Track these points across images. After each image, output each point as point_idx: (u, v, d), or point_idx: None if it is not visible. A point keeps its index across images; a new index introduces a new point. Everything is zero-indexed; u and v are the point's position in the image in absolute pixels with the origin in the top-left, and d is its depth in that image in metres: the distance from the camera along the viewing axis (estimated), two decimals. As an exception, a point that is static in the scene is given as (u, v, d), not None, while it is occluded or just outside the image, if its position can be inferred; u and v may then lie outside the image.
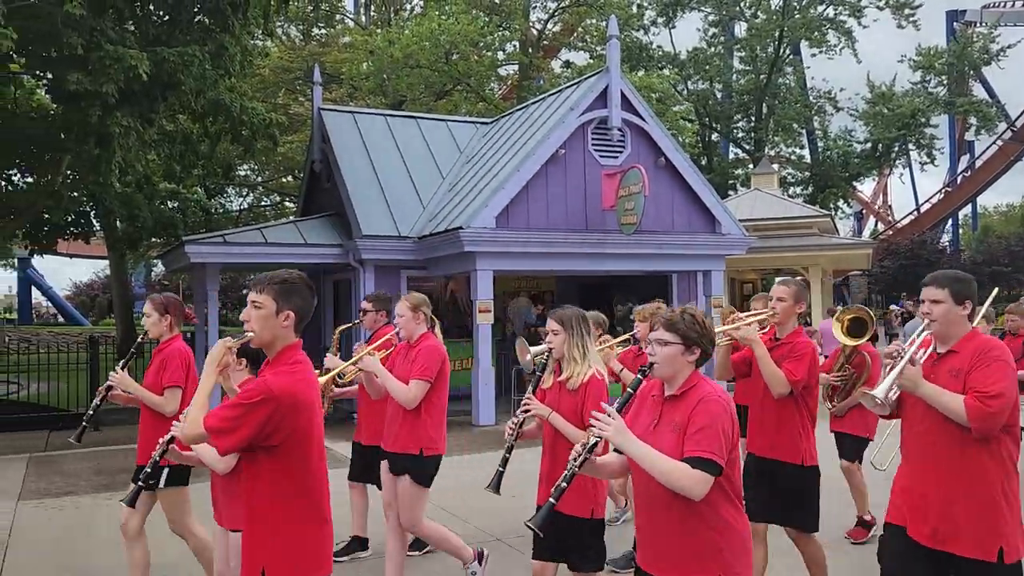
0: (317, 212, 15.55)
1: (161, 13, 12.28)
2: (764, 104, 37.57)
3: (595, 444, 2.81)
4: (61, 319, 47.16)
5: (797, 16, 35.23)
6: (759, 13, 36.79)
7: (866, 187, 53.53)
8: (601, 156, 13.38)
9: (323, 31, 30.74)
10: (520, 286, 16.72)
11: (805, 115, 37.46)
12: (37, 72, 12.75)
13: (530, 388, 4.02)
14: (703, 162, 36.64)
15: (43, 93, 14.53)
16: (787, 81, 38.67)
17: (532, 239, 12.67)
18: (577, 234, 13.00)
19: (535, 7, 30.31)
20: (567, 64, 32.05)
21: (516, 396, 12.41)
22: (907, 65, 38.64)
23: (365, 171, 14.59)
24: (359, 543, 5.99)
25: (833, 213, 34.83)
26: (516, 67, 30.02)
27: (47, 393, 14.69)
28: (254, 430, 2.67)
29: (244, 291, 48.62)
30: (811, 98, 38.54)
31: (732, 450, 2.79)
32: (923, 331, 3.41)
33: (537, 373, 4.09)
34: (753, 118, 38.35)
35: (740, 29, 38.44)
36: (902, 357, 3.26)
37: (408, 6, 31.72)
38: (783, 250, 22.96)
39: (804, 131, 39.44)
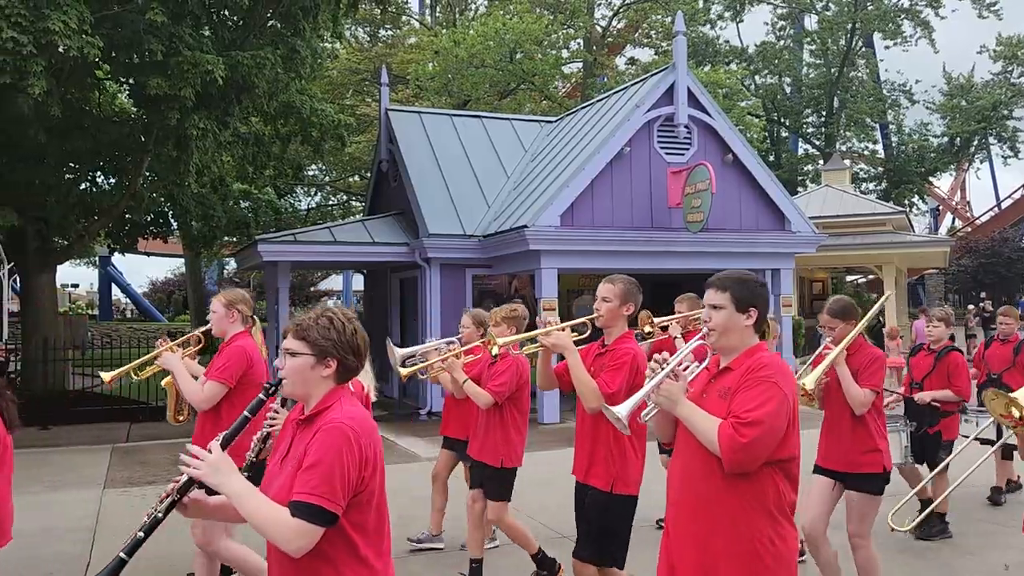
0: (384, 211, 15.81)
1: (235, 18, 12.65)
2: (835, 98, 36.62)
3: (187, 484, 2.29)
4: (139, 315, 48.93)
5: (870, 7, 34.24)
6: (830, 5, 35.88)
7: (943, 183, 51.69)
8: (667, 153, 13.26)
9: (389, 32, 31.19)
10: (584, 284, 16.68)
11: (878, 109, 36.39)
12: (120, 78, 13.27)
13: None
14: (771, 159, 35.93)
15: (124, 98, 15.12)
16: (859, 74, 37.62)
17: (597, 237, 12.64)
18: (642, 232, 12.91)
19: (599, 4, 30.20)
20: (631, 61, 31.83)
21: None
22: (987, 56, 37.21)
23: (431, 170, 14.77)
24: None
25: (908, 210, 33.74)
26: (580, 65, 29.95)
27: (127, 386, 15.29)
28: None
29: (312, 288, 49.67)
30: (885, 91, 37.43)
31: (355, 493, 2.20)
32: (699, 340, 2.85)
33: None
34: (824, 113, 37.43)
35: (810, 22, 37.56)
36: (663, 368, 2.70)
37: (473, 6, 31.95)
38: (855, 248, 22.34)
39: (877, 125, 38.31)
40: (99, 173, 16.00)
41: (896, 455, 5.26)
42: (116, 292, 48.90)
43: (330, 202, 32.69)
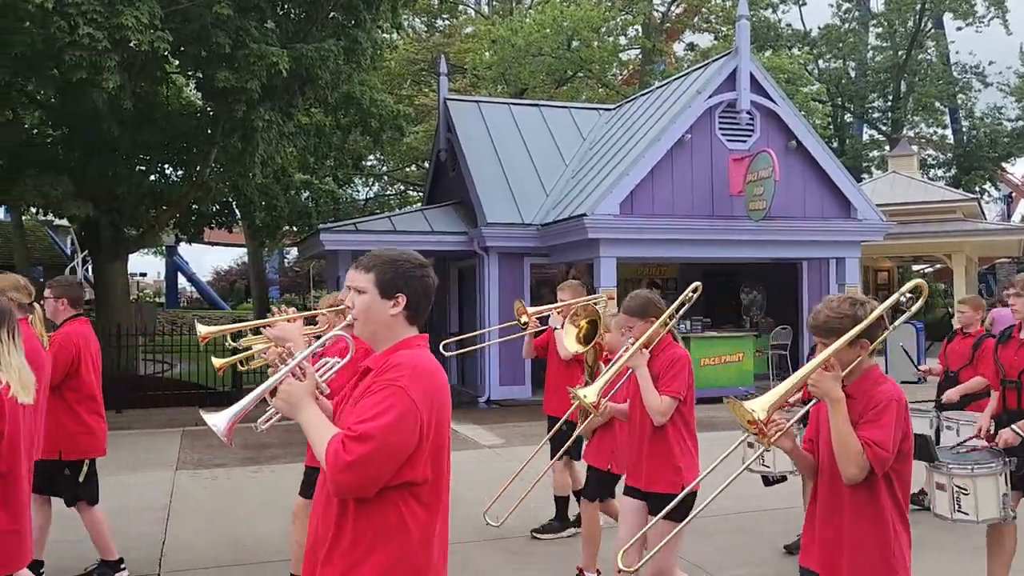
0: (443, 200, 15.92)
1: (299, 11, 12.85)
2: (903, 82, 35.48)
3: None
4: (204, 303, 50.27)
5: (941, -13, 33.03)
6: (898, -15, 34.73)
7: (1017, 168, 49.77)
8: (729, 140, 13.05)
9: (447, 22, 31.29)
10: (643, 273, 16.56)
11: (948, 92, 35.12)
12: (189, 71, 13.62)
13: None
14: (835, 145, 35.01)
15: (192, 91, 15.51)
16: (928, 56, 36.34)
17: (656, 226, 12.52)
18: (703, 220, 12.75)
19: (658, -11, 29.78)
20: (690, 47, 31.35)
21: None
22: (1066, 35, 35.58)
23: (489, 159, 14.81)
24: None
25: (979, 196, 32.54)
26: (638, 52, 29.63)
27: (195, 372, 15.74)
28: None
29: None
30: (955, 74, 36.08)
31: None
32: (341, 328, 2.51)
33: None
34: (890, 97, 36.30)
35: (877, 3, 36.43)
36: (285, 364, 2.35)
37: (529, -6, 31.84)
38: (923, 236, 21.65)
39: (947, 109, 36.98)
40: (168, 165, 16.47)
41: (991, 508, 4.27)
42: (182, 280, 50.31)
43: (388, 192, 33.05)
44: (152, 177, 15.83)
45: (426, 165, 24.89)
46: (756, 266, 15.11)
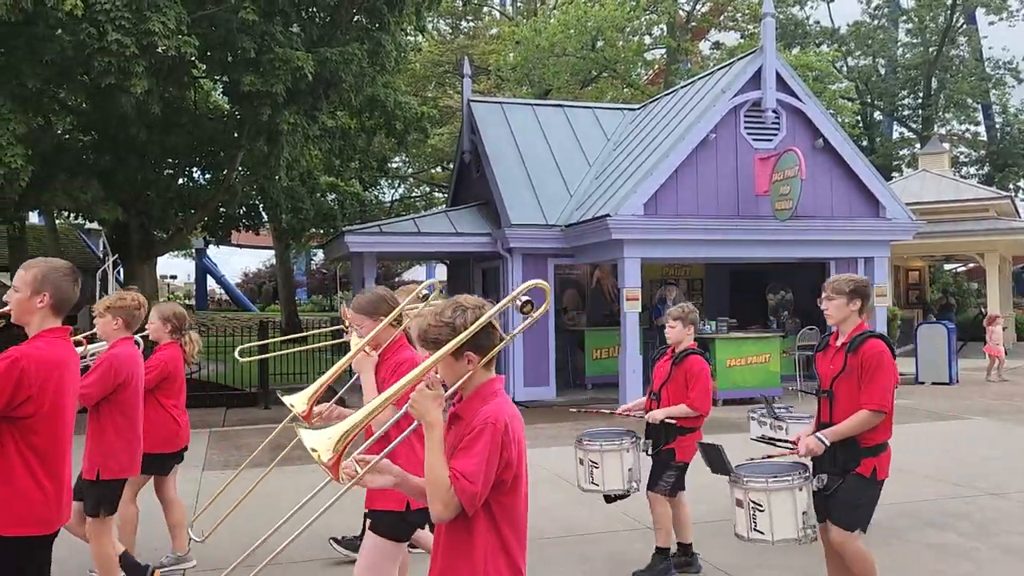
0: (467, 202, 15.94)
1: (323, 15, 12.94)
2: (933, 79, 34.94)
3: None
4: (232, 305, 50.83)
5: (972, -18, 32.51)
6: (928, -19, 34.22)
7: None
8: (754, 139, 12.93)
9: (471, 24, 31.36)
10: (668, 273, 16.47)
11: (981, 89, 34.53)
12: (215, 76, 13.78)
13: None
14: (864, 143, 34.57)
15: (219, 95, 15.69)
16: (960, 52, 35.76)
17: (681, 226, 12.44)
18: (728, 220, 12.64)
19: (683, -12, 29.61)
20: (716, 45, 31.13)
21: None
22: (1103, 29, 34.82)
23: (513, 160, 14.80)
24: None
25: (1014, 194, 31.95)
26: (663, 51, 29.48)
27: (223, 373, 15.92)
28: None
29: (396, 278, 50.58)
30: (988, 70, 35.46)
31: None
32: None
33: None
34: (921, 94, 35.77)
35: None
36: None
37: (554, -6, 31.81)
38: (955, 235, 21.32)
39: (980, 106, 36.37)
40: (196, 168, 16.67)
41: (787, 528, 3.89)
42: (211, 283, 50.89)
43: (413, 194, 33.19)
44: (180, 180, 16.04)
45: (451, 167, 24.98)
46: (783, 266, 14.95)
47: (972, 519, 6.30)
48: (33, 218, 25.13)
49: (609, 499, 5.20)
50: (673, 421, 5.03)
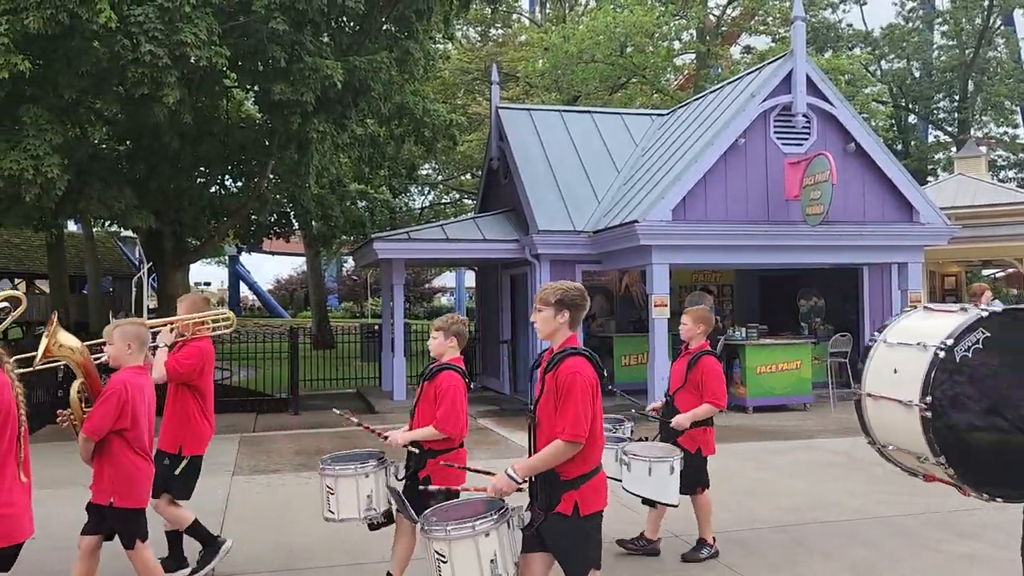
0: (495, 208, 15.97)
1: (352, 24, 13.06)
2: (970, 81, 34.33)
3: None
4: (265, 311, 51.38)
5: (1010, -18, 31.90)
6: (965, -18, 33.65)
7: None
8: (784, 144, 12.80)
9: (500, 31, 31.45)
10: (698, 279, 16.34)
11: (1019, 91, 33.83)
12: (246, 85, 13.96)
13: None
14: (898, 147, 34.05)
15: (250, 104, 15.90)
16: (997, 54, 35.10)
17: (710, 232, 12.34)
18: (758, 226, 12.51)
19: (713, -8, 29.43)
20: (747, 50, 30.87)
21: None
22: None
23: (541, 167, 14.80)
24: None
25: (1053, 198, 31.24)
26: (693, 56, 29.31)
27: (254, 379, 16.11)
28: None
29: (426, 285, 50.80)
30: (1026, 71, 34.77)
31: None
32: None
33: None
34: (957, 97, 35.16)
35: (942, 1, 35.38)
36: None
37: (583, 1, 31.80)
38: (992, 240, 20.87)
39: (1017, 108, 35.66)
40: (227, 176, 16.90)
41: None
42: (244, 289, 51.50)
43: (443, 200, 33.33)
44: (212, 188, 16.26)
45: (480, 173, 25.04)
46: (815, 272, 14.76)
47: (1003, 529, 6.15)
48: (72, 226, 25.68)
49: (373, 526, 4.66)
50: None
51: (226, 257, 46.41)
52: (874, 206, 13.10)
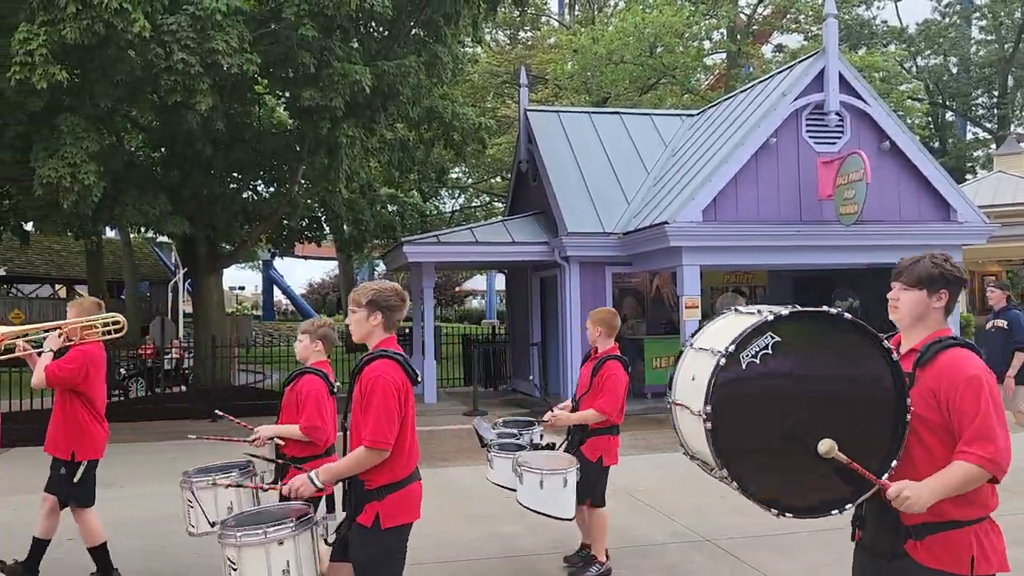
0: (524, 211, 15.96)
1: (381, 29, 13.14)
2: (1010, 76, 33.61)
3: None
4: (298, 315, 51.88)
5: (1051, -26, 31.18)
6: (1003, -24, 32.97)
7: None
8: (816, 143, 12.62)
9: (529, 34, 31.47)
10: (729, 280, 16.18)
11: (1061, 85, 33.11)
12: (277, 91, 14.11)
13: None
14: (935, 145, 33.44)
15: (281, 110, 16.07)
16: (1038, 49, 34.32)
17: (741, 232, 12.21)
18: (790, 226, 12.35)
19: (744, -9, 29.15)
20: (779, 48, 30.56)
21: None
22: None
23: (570, 169, 14.77)
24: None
25: (1097, 195, 30.44)
26: (723, 56, 29.07)
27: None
28: None
29: (456, 288, 50.95)
30: (1069, 65, 33.95)
31: None
32: None
33: None
34: (996, 93, 34.45)
35: (980, -5, 34.67)
36: None
37: (612, 2, 31.70)
38: (1034, 239, 20.40)
39: (1060, 104, 34.85)
40: (259, 182, 17.09)
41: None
42: (277, 293, 52.05)
43: (473, 203, 33.41)
44: (244, 194, 16.45)
45: (509, 176, 25.03)
46: (850, 272, 14.53)
47: None
48: (109, 233, 26.16)
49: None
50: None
51: (260, 261, 46.93)
52: (910, 205, 12.87)
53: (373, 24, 13.02)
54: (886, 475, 2.63)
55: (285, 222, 17.31)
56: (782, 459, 2.61)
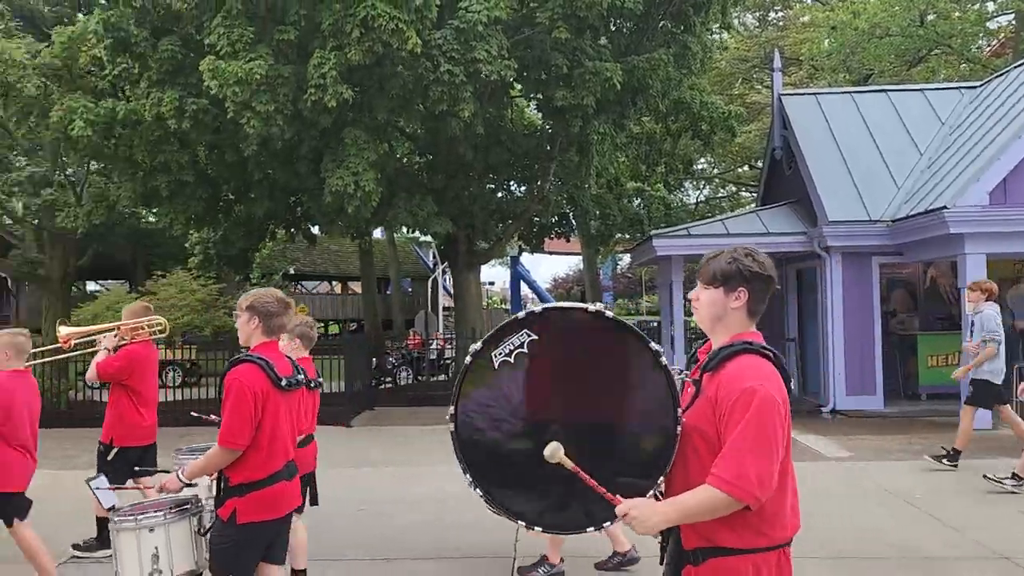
0: (778, 200, 15.28)
1: (630, 24, 13.21)
2: None
3: None
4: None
5: None
6: None
7: None
8: None
9: (780, 14, 30.01)
10: (1022, 270, 14.37)
11: None
12: (530, 94, 14.69)
13: None
14: None
15: (532, 111, 16.70)
16: None
17: (1038, 216, 10.80)
18: (1103, 207, 10.72)
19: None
20: (1081, 2, 26.50)
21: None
22: None
23: (830, 154, 13.91)
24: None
25: None
26: (1011, 17, 25.77)
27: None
28: None
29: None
30: None
31: None
32: None
33: None
34: None
35: None
36: None
37: (872, -29, 29.29)
38: None
39: None
40: (513, 182, 17.88)
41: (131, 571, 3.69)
42: (524, 288, 54.13)
43: (719, 194, 32.52)
44: (499, 194, 17.30)
45: (759, 165, 24.05)
46: None
47: None
48: (376, 233, 28.71)
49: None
50: None
51: (508, 258, 49.05)
52: None
53: (621, 20, 13.12)
54: (654, 490, 2.37)
55: (536, 219, 17.97)
56: (522, 463, 2.39)
